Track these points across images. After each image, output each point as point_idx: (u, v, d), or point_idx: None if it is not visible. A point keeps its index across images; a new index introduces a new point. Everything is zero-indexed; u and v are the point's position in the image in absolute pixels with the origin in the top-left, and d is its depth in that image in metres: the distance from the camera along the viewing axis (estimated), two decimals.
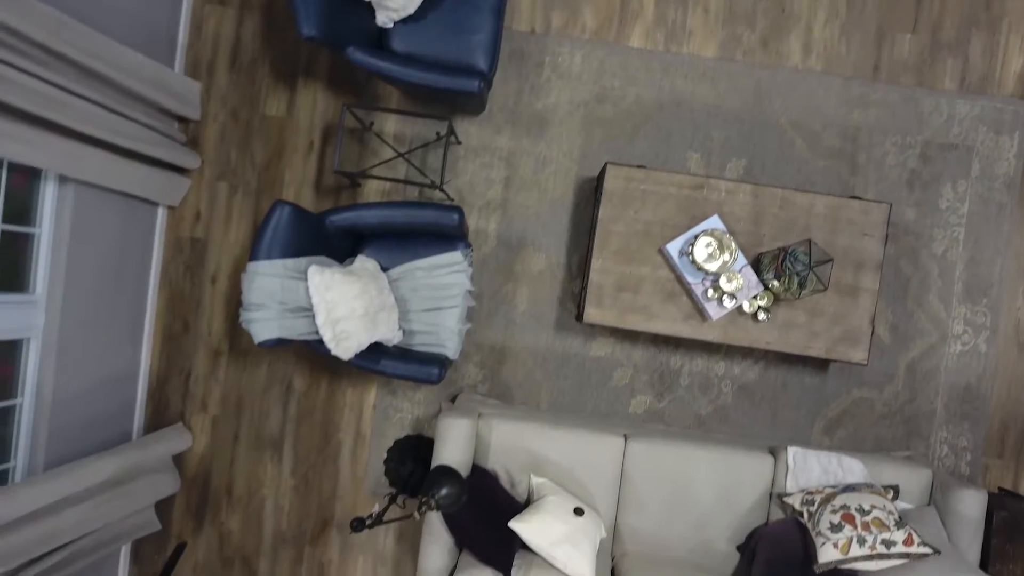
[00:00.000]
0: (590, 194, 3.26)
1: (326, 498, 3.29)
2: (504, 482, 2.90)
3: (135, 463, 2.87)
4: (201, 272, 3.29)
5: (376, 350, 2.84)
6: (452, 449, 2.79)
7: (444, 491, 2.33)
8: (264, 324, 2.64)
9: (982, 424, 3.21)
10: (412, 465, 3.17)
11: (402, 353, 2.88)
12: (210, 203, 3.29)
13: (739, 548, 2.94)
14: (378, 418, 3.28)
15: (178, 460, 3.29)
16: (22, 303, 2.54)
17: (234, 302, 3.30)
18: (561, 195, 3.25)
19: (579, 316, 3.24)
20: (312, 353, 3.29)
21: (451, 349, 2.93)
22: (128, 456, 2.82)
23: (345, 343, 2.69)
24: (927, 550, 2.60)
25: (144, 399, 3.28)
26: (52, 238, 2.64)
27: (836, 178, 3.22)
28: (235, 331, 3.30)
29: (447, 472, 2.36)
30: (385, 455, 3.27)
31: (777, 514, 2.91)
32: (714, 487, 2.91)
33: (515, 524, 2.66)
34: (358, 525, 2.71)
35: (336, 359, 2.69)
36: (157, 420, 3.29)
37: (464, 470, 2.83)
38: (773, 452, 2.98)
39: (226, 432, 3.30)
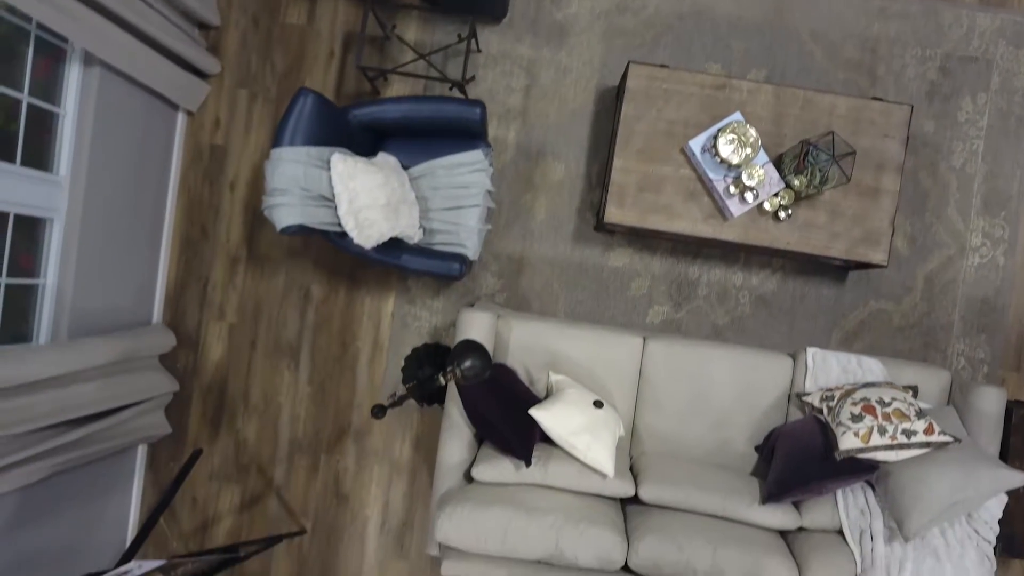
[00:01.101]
0: (610, 104, 3.26)
1: (343, 406, 3.29)
2: (523, 379, 2.91)
3: (133, 349, 2.88)
4: (220, 179, 3.30)
5: (396, 246, 2.84)
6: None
7: (468, 363, 2.32)
8: (287, 210, 2.64)
9: (999, 337, 3.22)
10: (430, 370, 3.17)
11: (422, 251, 2.88)
12: (230, 110, 3.30)
13: (757, 449, 2.94)
14: (396, 326, 3.28)
15: (194, 368, 3.30)
16: (46, 182, 2.55)
17: (252, 209, 3.30)
18: (581, 105, 3.25)
19: (598, 226, 3.24)
20: (330, 261, 3.29)
21: (471, 249, 2.93)
22: (125, 341, 2.82)
23: (367, 231, 2.69)
24: (948, 438, 2.60)
25: (162, 305, 3.28)
26: (76, 121, 2.64)
27: (855, 90, 3.23)
28: (253, 238, 3.31)
29: (473, 346, 2.36)
30: (403, 363, 3.27)
31: (796, 415, 2.92)
32: (733, 388, 2.91)
33: (535, 412, 2.67)
34: (379, 411, 2.71)
35: (354, 265, 2.70)
36: (175, 326, 3.29)
37: None
38: (792, 355, 2.98)
39: (243, 340, 3.30)
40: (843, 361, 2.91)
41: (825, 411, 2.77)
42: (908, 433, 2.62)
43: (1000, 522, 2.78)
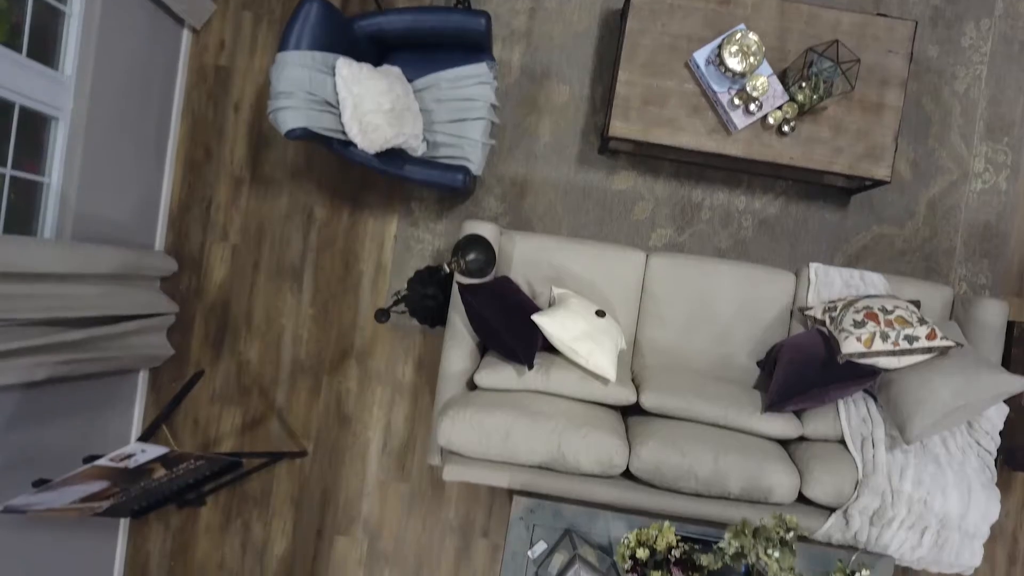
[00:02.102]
0: (615, 27, 3.26)
1: (345, 328, 3.30)
2: (526, 293, 2.91)
3: (135, 266, 2.88)
4: (224, 100, 3.30)
5: (400, 157, 2.85)
6: None
7: (473, 255, 2.33)
8: (292, 112, 2.64)
9: (1001, 262, 3.22)
10: (433, 289, 3.17)
11: (426, 162, 2.88)
12: (234, 32, 3.30)
13: (759, 363, 2.95)
14: (399, 249, 3.29)
15: (196, 290, 3.30)
16: (51, 79, 2.55)
17: (257, 131, 3.30)
18: (586, 27, 3.26)
19: (602, 149, 3.25)
20: (334, 183, 3.29)
21: (475, 163, 2.94)
22: (127, 255, 2.82)
23: (372, 135, 2.69)
24: (950, 343, 2.61)
25: (165, 226, 3.28)
26: (82, 22, 2.64)
27: (860, 8, 3.22)
28: (257, 160, 3.31)
29: (478, 240, 2.37)
30: (405, 285, 3.28)
31: (798, 329, 2.92)
32: (735, 302, 2.91)
33: (538, 317, 2.67)
34: (382, 315, 2.72)
35: (357, 187, 2.70)
36: (177, 248, 3.29)
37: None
38: (795, 272, 2.99)
39: (246, 261, 3.30)
40: (845, 276, 2.92)
41: (828, 321, 2.77)
42: (910, 339, 2.62)
43: (1001, 434, 2.79)
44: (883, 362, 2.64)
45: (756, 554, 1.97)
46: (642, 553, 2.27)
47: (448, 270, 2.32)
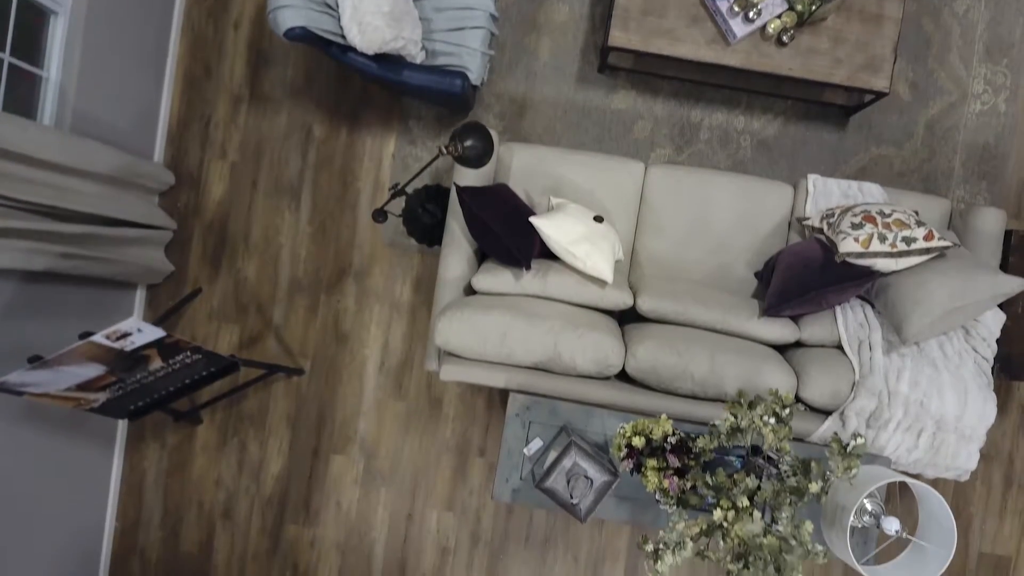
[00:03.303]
0: None
1: (343, 246, 3.29)
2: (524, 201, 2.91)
3: (133, 172, 2.88)
4: (224, 18, 3.29)
5: (398, 63, 2.84)
6: None
7: (471, 142, 2.32)
8: (291, 11, 2.64)
9: (999, 183, 3.22)
10: (432, 206, 3.17)
11: (424, 67, 2.88)
12: None
13: (757, 275, 2.95)
14: (397, 167, 3.28)
15: (194, 207, 3.30)
16: None
17: (256, 49, 3.30)
18: None
19: (601, 67, 3.24)
20: (333, 101, 3.29)
21: (474, 72, 2.93)
22: (125, 158, 2.82)
23: (371, 35, 2.69)
24: (947, 243, 2.61)
25: (164, 142, 3.28)
26: None
27: None
28: (256, 78, 3.30)
29: (477, 127, 2.36)
30: (403, 204, 3.27)
31: (796, 240, 2.92)
32: (733, 213, 2.91)
33: (536, 219, 2.67)
34: (379, 215, 2.72)
35: (356, 104, 2.69)
36: (176, 165, 3.29)
37: (486, 183, 2.84)
38: (793, 185, 2.99)
39: (244, 179, 3.30)
40: (843, 187, 2.92)
41: (825, 228, 2.77)
42: (908, 240, 2.62)
43: (998, 342, 2.79)
44: (880, 263, 2.63)
45: (752, 419, 1.97)
46: (638, 441, 2.26)
47: (444, 152, 2.31)
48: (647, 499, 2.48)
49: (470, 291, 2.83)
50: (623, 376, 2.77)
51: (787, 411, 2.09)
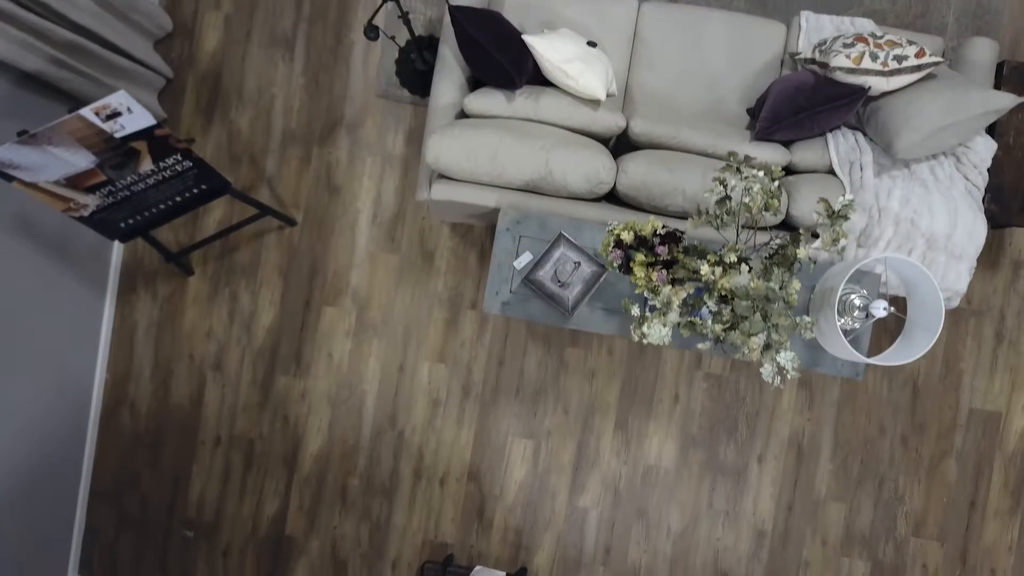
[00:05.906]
0: None
1: (336, 99, 3.29)
2: None
3: (129, 5, 2.88)
4: None
5: None
6: None
7: None
8: None
9: (994, 39, 3.22)
10: (427, 54, 3.17)
11: None
12: None
13: (749, 111, 2.95)
14: (391, 17, 3.28)
15: (188, 58, 3.29)
16: None
17: None
18: None
19: None
20: None
21: None
22: None
23: None
24: (939, 59, 2.61)
25: None
26: None
27: None
28: None
29: None
30: (397, 55, 3.27)
31: None
32: (726, 49, 2.91)
33: (529, 37, 2.67)
34: (370, 31, 2.71)
35: None
36: (173, 14, 3.28)
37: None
38: (786, 24, 2.99)
39: (239, 30, 3.30)
40: (836, 22, 2.92)
41: (818, 55, 2.77)
42: (899, 58, 2.62)
43: (989, 172, 2.79)
44: (872, 82, 2.63)
45: (741, 176, 1.97)
46: (627, 236, 2.26)
47: None
48: None
49: (463, 116, 2.83)
50: (614, 200, 2.77)
51: (775, 183, 2.10)
